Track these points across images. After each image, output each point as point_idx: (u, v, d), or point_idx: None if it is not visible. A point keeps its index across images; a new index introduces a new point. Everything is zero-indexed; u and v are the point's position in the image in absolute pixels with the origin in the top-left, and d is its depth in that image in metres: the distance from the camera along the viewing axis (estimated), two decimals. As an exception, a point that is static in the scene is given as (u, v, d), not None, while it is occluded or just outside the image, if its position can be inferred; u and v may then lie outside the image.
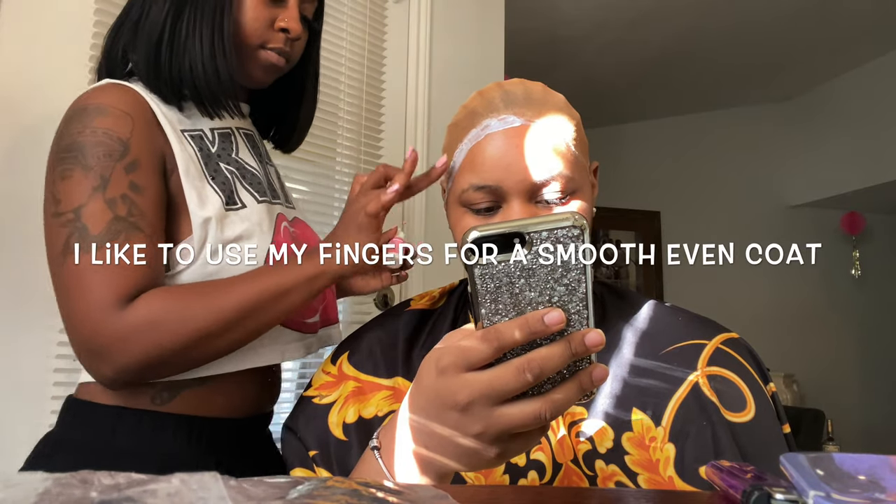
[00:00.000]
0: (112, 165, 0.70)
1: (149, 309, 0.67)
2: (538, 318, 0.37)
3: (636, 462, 0.60)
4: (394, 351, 0.72)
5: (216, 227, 0.76)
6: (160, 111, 0.78)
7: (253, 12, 0.81)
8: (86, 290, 0.67)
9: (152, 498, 0.23)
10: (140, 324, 0.67)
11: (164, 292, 0.70)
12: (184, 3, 0.79)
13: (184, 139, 0.79)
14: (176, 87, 0.79)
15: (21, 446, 1.14)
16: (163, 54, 0.79)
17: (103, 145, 0.71)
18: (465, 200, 0.66)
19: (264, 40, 0.83)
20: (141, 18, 0.80)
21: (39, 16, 1.18)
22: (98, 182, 0.69)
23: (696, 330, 0.69)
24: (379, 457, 0.47)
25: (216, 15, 0.79)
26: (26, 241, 1.13)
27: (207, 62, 0.78)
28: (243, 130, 0.90)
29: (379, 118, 1.80)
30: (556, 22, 2.84)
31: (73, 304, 0.68)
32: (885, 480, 0.35)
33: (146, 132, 0.75)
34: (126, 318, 0.66)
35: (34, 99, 1.16)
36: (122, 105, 0.74)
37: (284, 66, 0.86)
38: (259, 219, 0.81)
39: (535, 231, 0.37)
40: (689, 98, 3.88)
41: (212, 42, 0.79)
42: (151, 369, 0.70)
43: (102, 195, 0.69)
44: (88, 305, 0.66)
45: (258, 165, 0.88)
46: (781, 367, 3.65)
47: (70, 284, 0.68)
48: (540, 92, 0.69)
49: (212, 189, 0.78)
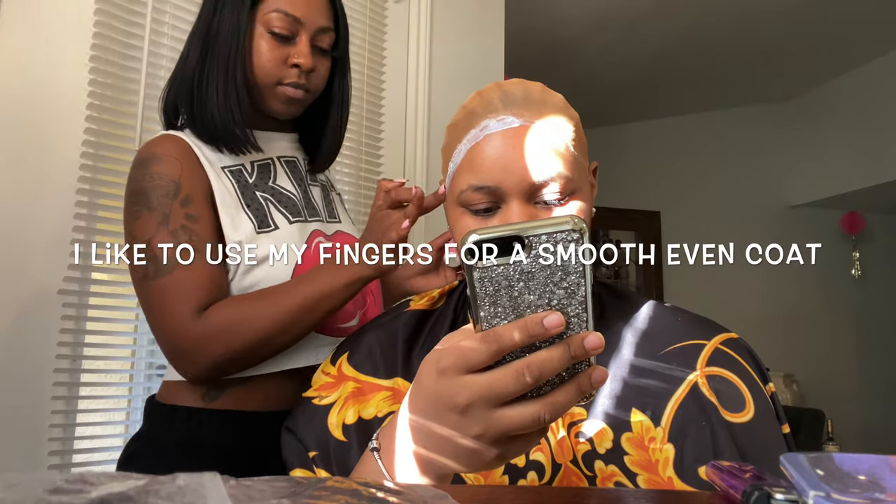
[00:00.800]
0: (169, 203, 0.85)
1: (221, 317, 0.81)
2: (537, 321, 0.37)
3: (635, 462, 0.60)
4: (393, 351, 0.72)
5: (247, 249, 0.89)
6: (202, 154, 0.90)
7: (267, 54, 0.91)
8: (167, 306, 0.82)
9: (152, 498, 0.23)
10: (215, 330, 0.81)
11: (231, 301, 0.84)
12: (206, 54, 0.91)
13: (223, 174, 0.91)
14: (209, 131, 0.91)
15: (22, 446, 1.14)
16: (194, 104, 0.91)
17: (161, 188, 0.85)
18: (464, 201, 0.66)
19: (280, 77, 0.92)
20: (182, 69, 0.93)
21: (39, 16, 1.18)
22: (161, 218, 0.84)
23: (696, 330, 0.69)
24: (378, 458, 0.47)
25: (229, 62, 0.89)
26: (27, 241, 1.13)
27: (222, 108, 0.89)
28: (284, 158, 1.01)
29: (379, 118, 1.80)
30: (556, 22, 2.84)
31: (160, 318, 0.83)
32: (885, 480, 0.35)
33: (192, 172, 0.88)
34: (203, 326, 0.81)
35: (34, 98, 1.16)
36: (172, 152, 0.88)
37: (305, 97, 0.95)
38: (289, 237, 0.92)
39: (535, 234, 0.37)
40: (689, 98, 3.88)
41: (225, 88, 0.89)
42: (227, 366, 0.84)
43: (166, 229, 0.83)
44: (173, 317, 0.81)
45: (295, 189, 0.99)
46: (781, 367, 3.65)
47: (153, 305, 0.83)
48: (539, 92, 0.68)
49: (245, 216, 0.90)
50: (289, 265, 0.90)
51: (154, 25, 1.30)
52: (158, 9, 1.31)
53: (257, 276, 0.88)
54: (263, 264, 0.89)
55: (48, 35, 1.19)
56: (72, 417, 1.17)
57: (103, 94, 1.22)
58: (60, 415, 1.15)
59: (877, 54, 3.42)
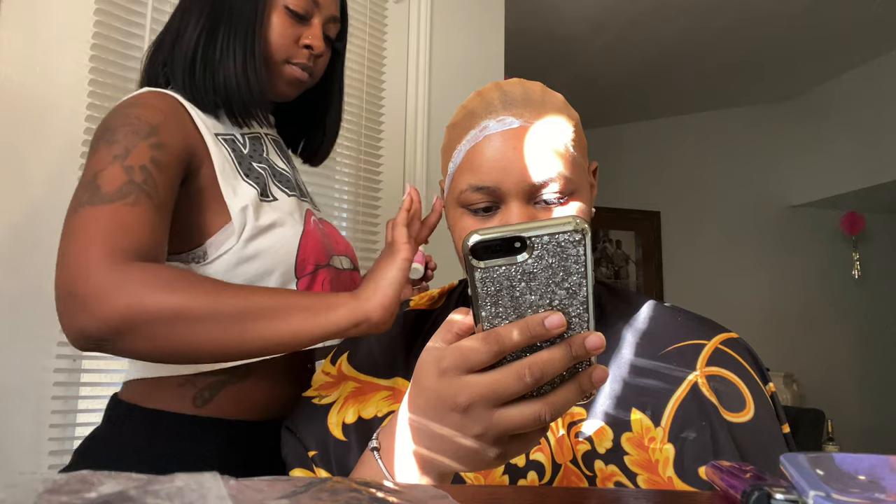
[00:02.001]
0: (136, 141, 0.72)
1: (144, 271, 0.64)
2: (539, 321, 0.38)
3: (635, 462, 0.60)
4: (393, 351, 0.73)
5: (253, 213, 0.80)
6: (197, 115, 0.83)
7: (280, 29, 0.88)
8: (85, 238, 0.65)
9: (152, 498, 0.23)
10: (130, 281, 0.62)
11: (177, 269, 0.68)
12: (217, 22, 0.86)
13: (218, 141, 0.84)
14: (210, 98, 0.85)
15: (22, 446, 1.14)
16: (197, 70, 0.85)
17: (131, 125, 0.74)
18: (464, 201, 0.66)
19: (289, 56, 0.90)
20: (178, 38, 0.87)
21: (39, 16, 1.18)
22: (120, 151, 0.71)
23: (696, 330, 0.69)
24: (378, 458, 0.47)
25: (248, 34, 0.86)
26: (26, 240, 1.13)
27: (240, 77, 0.85)
28: (271, 136, 0.97)
29: (379, 118, 1.80)
30: (556, 22, 2.84)
31: (68, 249, 0.65)
32: (885, 480, 0.35)
33: (178, 127, 0.78)
34: (117, 272, 0.63)
35: (34, 98, 1.16)
36: (157, 102, 0.79)
37: (307, 81, 0.93)
38: (290, 209, 0.86)
39: (537, 235, 0.37)
40: (689, 98, 3.88)
41: (244, 59, 0.86)
42: (126, 333, 0.62)
43: (122, 162, 0.70)
44: (84, 251, 0.64)
45: (287, 167, 0.95)
46: (781, 367, 3.65)
47: (69, 234, 0.66)
48: (539, 93, 0.69)
49: (246, 184, 0.83)
50: (295, 236, 0.84)
51: (154, 26, 1.30)
52: (158, 9, 1.31)
53: (262, 244, 0.79)
54: (269, 232, 0.80)
55: (48, 35, 1.19)
56: (72, 417, 1.17)
57: (103, 94, 1.22)
58: (60, 415, 1.15)
59: (877, 54, 3.42)
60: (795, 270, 3.96)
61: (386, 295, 0.67)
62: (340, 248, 0.94)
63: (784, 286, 3.91)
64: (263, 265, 0.80)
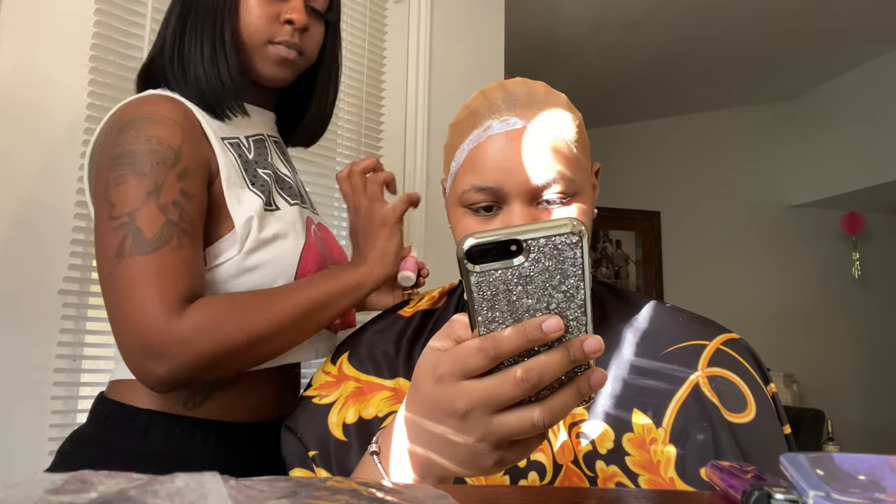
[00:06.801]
0: (165, 173, 0.72)
1: (211, 310, 0.69)
2: (536, 325, 0.37)
3: (637, 463, 0.60)
4: (395, 351, 0.72)
5: (257, 225, 0.79)
6: (204, 120, 0.81)
7: (256, 10, 0.83)
8: (143, 290, 0.67)
9: (152, 498, 0.23)
10: (202, 325, 0.68)
11: (224, 296, 0.74)
12: (187, 14, 0.83)
13: (225, 147, 0.82)
14: (193, 95, 0.82)
15: (22, 446, 1.14)
16: (175, 68, 0.83)
17: (157, 153, 0.73)
18: (466, 201, 0.66)
19: (270, 35, 0.84)
20: (163, 40, 0.86)
21: (39, 16, 1.18)
22: (152, 188, 0.71)
23: (697, 330, 0.69)
24: (378, 461, 0.47)
25: (216, 21, 0.82)
26: (27, 241, 1.13)
27: (209, 67, 0.82)
28: (273, 138, 0.94)
29: (379, 118, 1.80)
30: (556, 22, 2.84)
31: (130, 304, 0.68)
32: (885, 480, 0.35)
33: (194, 142, 0.77)
34: (188, 319, 0.67)
35: (34, 98, 1.16)
36: (172, 115, 0.77)
37: (298, 59, 0.87)
38: (293, 220, 0.85)
39: (533, 237, 0.36)
40: (688, 98, 3.88)
41: (213, 47, 0.82)
42: (209, 369, 0.70)
43: (156, 201, 0.71)
44: (148, 305, 0.67)
45: (289, 171, 0.93)
46: (781, 367, 3.65)
47: (125, 285, 0.68)
48: (542, 93, 0.68)
49: (251, 192, 0.82)
50: (297, 249, 0.83)
51: (154, 26, 1.30)
52: (158, 9, 1.31)
53: (263, 257, 0.79)
54: (271, 245, 0.80)
55: (48, 35, 1.19)
56: (72, 417, 1.17)
57: (103, 94, 1.22)
58: (60, 415, 1.15)
59: (877, 54, 3.42)
60: (795, 270, 3.96)
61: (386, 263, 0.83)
62: (335, 256, 0.94)
63: (784, 286, 3.91)
64: (264, 277, 0.80)
